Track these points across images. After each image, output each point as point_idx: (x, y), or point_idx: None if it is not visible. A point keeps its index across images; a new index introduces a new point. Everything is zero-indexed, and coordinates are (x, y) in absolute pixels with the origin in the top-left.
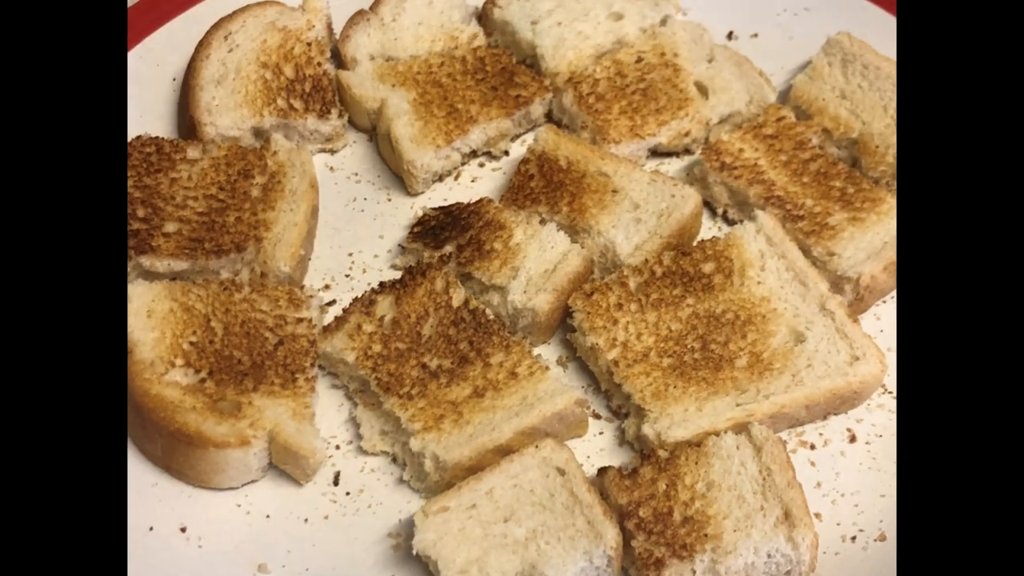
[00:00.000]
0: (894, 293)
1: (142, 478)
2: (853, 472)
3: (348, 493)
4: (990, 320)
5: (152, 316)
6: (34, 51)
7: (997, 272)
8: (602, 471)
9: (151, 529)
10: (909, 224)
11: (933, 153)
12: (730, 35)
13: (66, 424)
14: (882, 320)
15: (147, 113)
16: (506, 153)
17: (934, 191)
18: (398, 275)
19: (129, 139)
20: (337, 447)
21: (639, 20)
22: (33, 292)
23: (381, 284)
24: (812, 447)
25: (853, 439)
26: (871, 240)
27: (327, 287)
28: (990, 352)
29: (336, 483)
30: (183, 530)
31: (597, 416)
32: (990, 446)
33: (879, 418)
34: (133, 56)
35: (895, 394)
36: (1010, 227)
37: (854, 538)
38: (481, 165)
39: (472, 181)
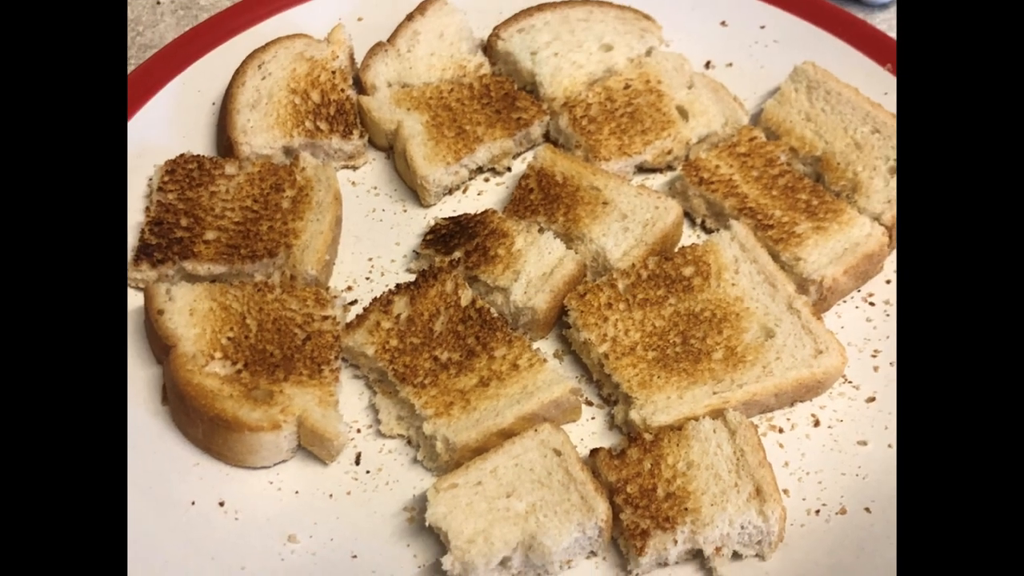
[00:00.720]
0: (854, 293)
1: (185, 458)
2: (817, 453)
3: (368, 471)
4: (981, 302)
5: (194, 314)
6: (40, 62)
7: (988, 266)
8: (594, 452)
9: (193, 504)
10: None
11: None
12: (708, 64)
13: (68, 419)
14: (843, 318)
15: (189, 134)
16: (509, 169)
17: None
18: (413, 278)
19: (173, 157)
20: (358, 430)
21: (627, 51)
22: (41, 295)
23: (397, 286)
24: (780, 431)
25: (817, 423)
26: (833, 247)
27: (349, 288)
28: (982, 336)
29: (358, 463)
30: (221, 504)
31: (589, 403)
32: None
33: (840, 405)
34: (177, 83)
35: (855, 383)
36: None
37: (818, 511)
38: (486, 180)
39: (478, 194)
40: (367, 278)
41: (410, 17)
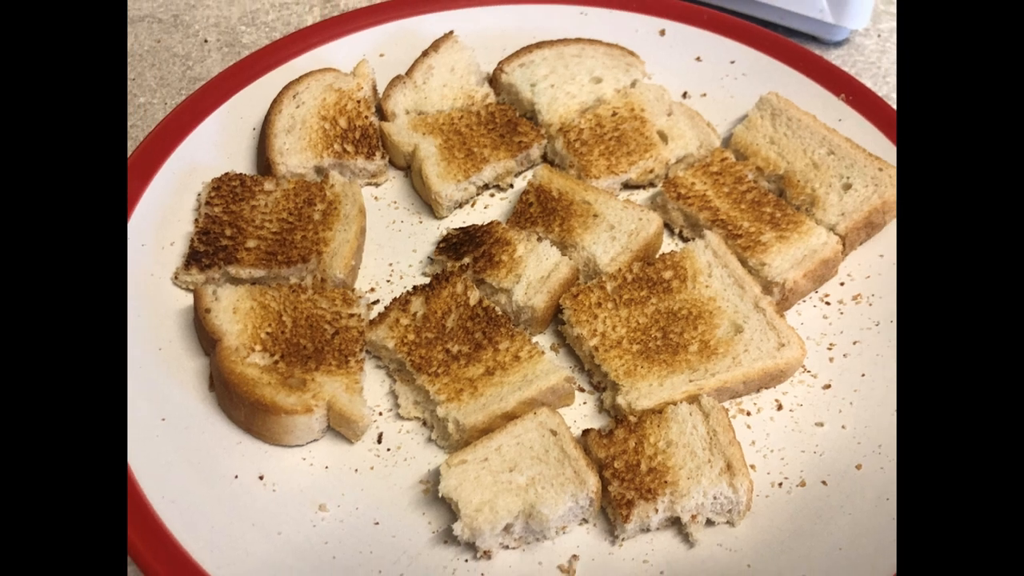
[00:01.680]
0: (812, 294)
1: (229, 437)
2: (780, 433)
3: (389, 449)
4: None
5: (237, 312)
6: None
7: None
8: (585, 432)
9: (236, 477)
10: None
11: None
12: (685, 95)
13: (70, 416)
14: (802, 315)
15: (233, 155)
16: (511, 186)
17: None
18: (428, 280)
19: (219, 175)
20: (380, 414)
21: (614, 83)
22: (48, 296)
23: (414, 287)
24: (748, 413)
25: (780, 407)
26: (794, 253)
27: (372, 290)
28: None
29: (379, 442)
30: (261, 478)
31: (582, 390)
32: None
33: (800, 391)
34: (222, 111)
35: (813, 372)
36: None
37: (781, 484)
38: (492, 195)
39: (485, 208)
40: (388, 281)
41: (425, 53)
